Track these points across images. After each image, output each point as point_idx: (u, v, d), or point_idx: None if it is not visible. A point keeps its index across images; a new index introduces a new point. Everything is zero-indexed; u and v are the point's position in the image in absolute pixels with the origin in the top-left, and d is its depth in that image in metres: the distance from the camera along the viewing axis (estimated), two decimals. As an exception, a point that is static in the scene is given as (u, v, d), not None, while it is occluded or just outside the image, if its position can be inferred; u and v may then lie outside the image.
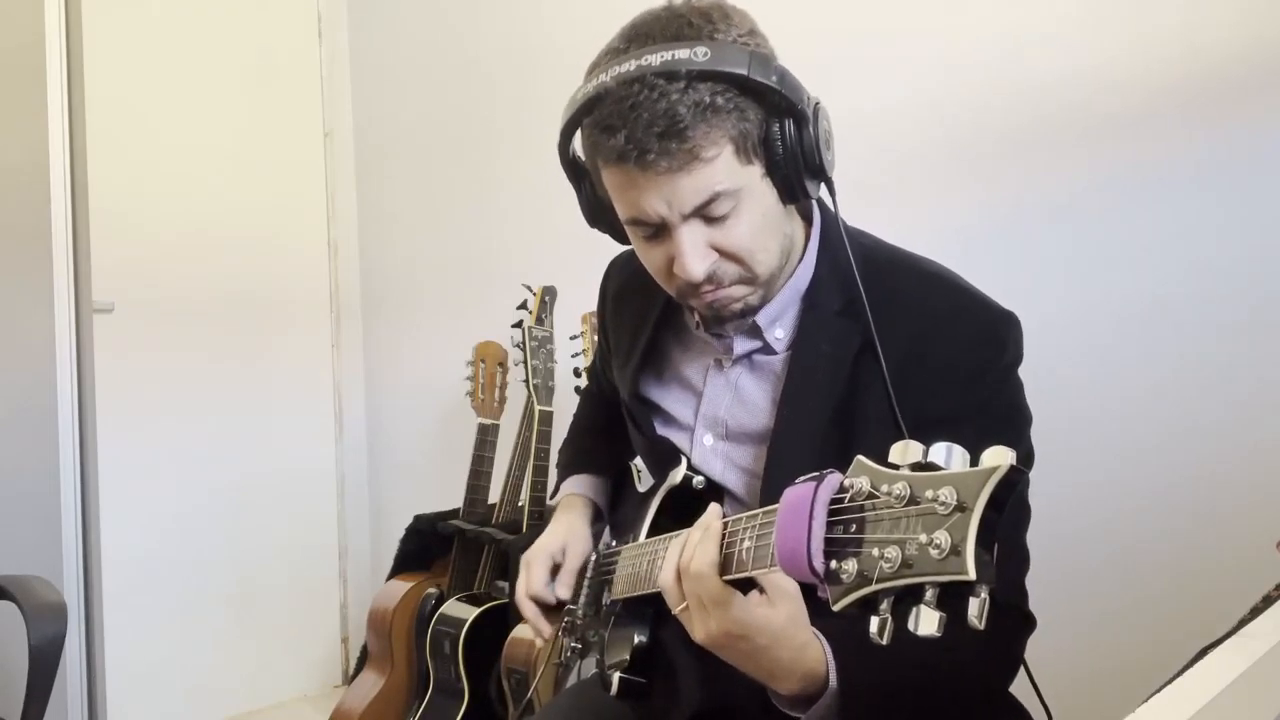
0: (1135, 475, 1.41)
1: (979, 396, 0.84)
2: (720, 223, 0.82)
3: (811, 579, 0.59)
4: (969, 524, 0.49)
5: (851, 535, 0.56)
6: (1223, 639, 0.71)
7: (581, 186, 0.93)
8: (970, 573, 0.48)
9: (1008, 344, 0.87)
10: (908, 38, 1.64)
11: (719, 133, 0.79)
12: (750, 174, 0.82)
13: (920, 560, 0.51)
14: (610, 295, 1.14)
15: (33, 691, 1.27)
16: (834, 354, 0.88)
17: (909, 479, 0.53)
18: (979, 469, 0.50)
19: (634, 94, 0.77)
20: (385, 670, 2.17)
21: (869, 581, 0.54)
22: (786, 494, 0.62)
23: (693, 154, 0.78)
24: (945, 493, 0.50)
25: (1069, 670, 0.83)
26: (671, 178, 0.79)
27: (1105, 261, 1.46)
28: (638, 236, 0.88)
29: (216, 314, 2.57)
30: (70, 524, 2.02)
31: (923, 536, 0.51)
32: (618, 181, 0.83)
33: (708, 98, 0.77)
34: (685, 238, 0.82)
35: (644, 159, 0.78)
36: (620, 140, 0.78)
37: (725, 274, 0.85)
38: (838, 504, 0.58)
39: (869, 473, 0.57)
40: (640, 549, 0.97)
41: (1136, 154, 1.42)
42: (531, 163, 2.36)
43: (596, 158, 0.84)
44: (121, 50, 2.38)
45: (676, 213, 0.81)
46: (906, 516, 0.53)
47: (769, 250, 0.87)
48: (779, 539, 0.61)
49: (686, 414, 1.00)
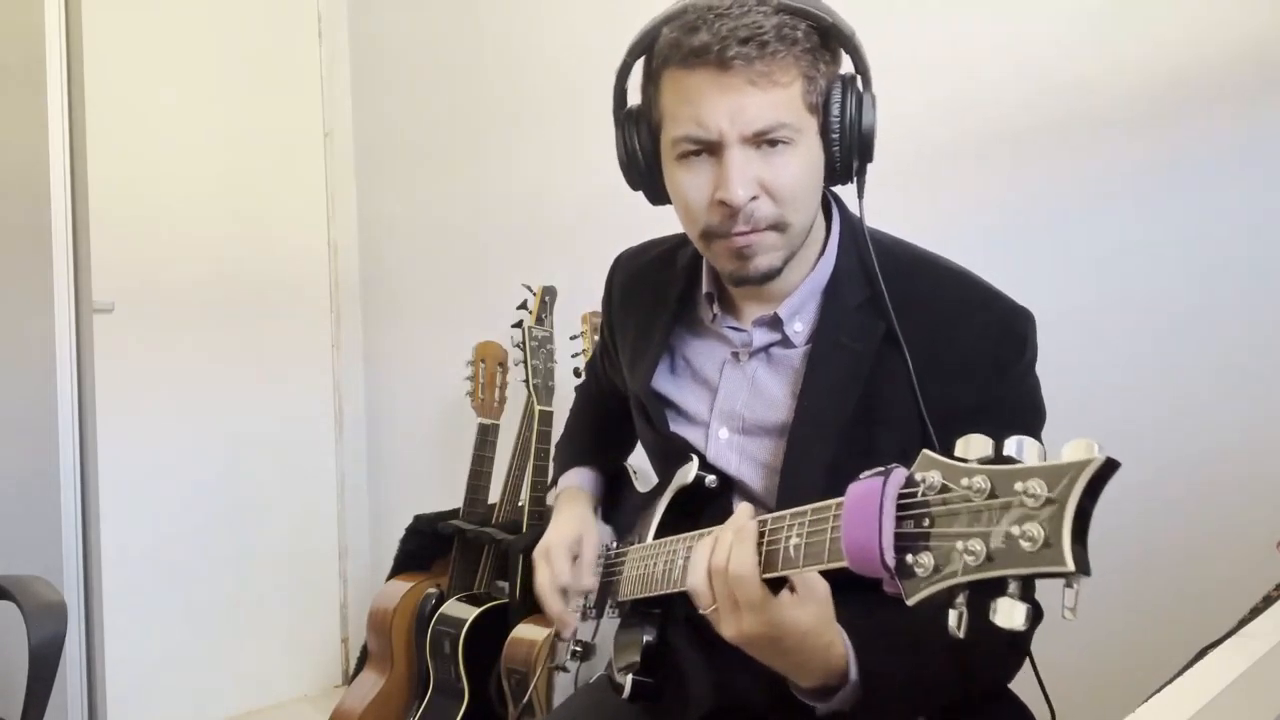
0: (1135, 475, 1.41)
1: (999, 393, 0.85)
2: (773, 156, 0.83)
3: (881, 573, 0.58)
4: (1064, 516, 0.49)
5: (923, 529, 0.56)
6: (1223, 639, 0.71)
7: (625, 126, 0.93)
8: (1068, 563, 0.48)
9: (1027, 341, 0.87)
10: (909, 37, 1.64)
11: (794, 63, 0.81)
12: (810, 124, 0.84)
13: (1008, 553, 0.50)
14: (616, 290, 1.13)
15: (33, 691, 1.26)
16: (855, 348, 0.88)
17: (989, 472, 0.53)
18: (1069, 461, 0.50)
19: (723, 5, 0.80)
20: (385, 670, 2.17)
21: (949, 575, 0.53)
22: (852, 488, 0.62)
23: (768, 69, 0.80)
24: (1034, 485, 0.50)
25: (1069, 670, 0.83)
26: (743, 86, 0.80)
27: (1105, 261, 1.46)
28: (680, 161, 0.87)
29: (216, 314, 2.57)
30: (70, 524, 2.02)
31: (1013, 529, 0.50)
32: (686, 85, 0.83)
33: (790, 29, 0.80)
34: (737, 158, 0.82)
35: (723, 55, 0.79)
36: (703, 36, 0.79)
37: (762, 213, 0.85)
38: (906, 498, 0.58)
39: (939, 466, 0.56)
40: (651, 550, 0.96)
41: (1137, 155, 1.42)
42: (532, 162, 2.36)
43: (669, 59, 0.83)
44: (121, 50, 2.38)
45: (736, 131, 0.82)
46: (988, 509, 0.52)
47: (807, 206, 0.87)
48: (846, 533, 0.61)
49: (701, 408, 0.99)
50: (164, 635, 2.46)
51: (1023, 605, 0.50)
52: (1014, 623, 0.51)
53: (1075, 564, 0.48)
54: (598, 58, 2.18)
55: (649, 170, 0.92)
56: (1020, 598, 0.51)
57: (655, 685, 0.93)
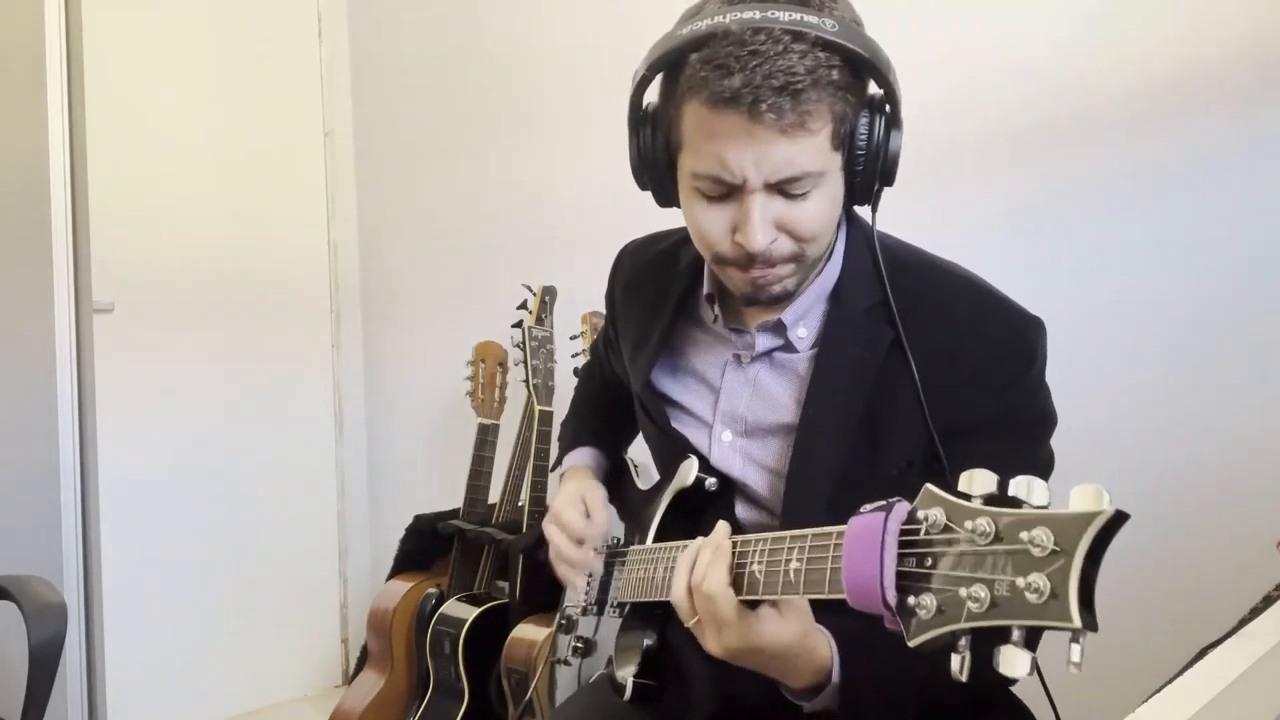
0: (1135, 475, 1.41)
1: (1009, 402, 0.84)
2: (794, 201, 0.81)
3: (881, 611, 0.58)
4: (1070, 570, 0.48)
5: (925, 570, 0.55)
6: (1223, 639, 0.71)
7: (639, 133, 0.89)
8: (1075, 620, 0.47)
9: (1036, 350, 0.87)
10: (910, 36, 1.64)
11: (827, 107, 0.78)
12: (835, 161, 0.82)
13: (1013, 603, 0.50)
14: (620, 285, 1.12)
15: (33, 691, 1.26)
16: (861, 355, 0.87)
17: (993, 515, 0.52)
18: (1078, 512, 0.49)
19: (758, 42, 0.75)
20: (385, 670, 2.17)
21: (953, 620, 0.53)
22: (853, 522, 0.61)
23: (801, 120, 0.77)
24: (1040, 534, 0.49)
25: (1068, 670, 0.83)
26: (773, 138, 0.77)
27: (1106, 261, 1.46)
28: (699, 194, 0.84)
29: (216, 314, 2.57)
30: (70, 524, 2.02)
31: (1018, 579, 0.49)
32: (711, 127, 0.79)
33: (825, 69, 0.76)
34: (758, 207, 0.81)
35: (756, 108, 0.75)
36: (735, 82, 0.75)
37: (780, 252, 0.84)
38: (908, 534, 0.57)
39: (943, 504, 0.55)
40: (649, 553, 0.96)
41: (1138, 155, 1.42)
42: (532, 162, 2.36)
43: (697, 96, 0.79)
44: (121, 50, 2.37)
45: (761, 178, 0.79)
46: (992, 555, 0.51)
47: (825, 238, 0.86)
48: (847, 567, 0.60)
49: (703, 409, 0.99)
50: (164, 635, 2.45)
51: (1026, 654, 0.50)
52: (1017, 671, 0.50)
53: (1081, 620, 0.47)
54: (598, 57, 2.19)
55: (660, 178, 0.89)
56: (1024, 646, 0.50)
57: (656, 687, 0.93)
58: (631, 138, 0.89)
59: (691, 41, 0.78)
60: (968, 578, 0.52)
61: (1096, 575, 0.48)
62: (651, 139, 0.88)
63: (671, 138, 0.86)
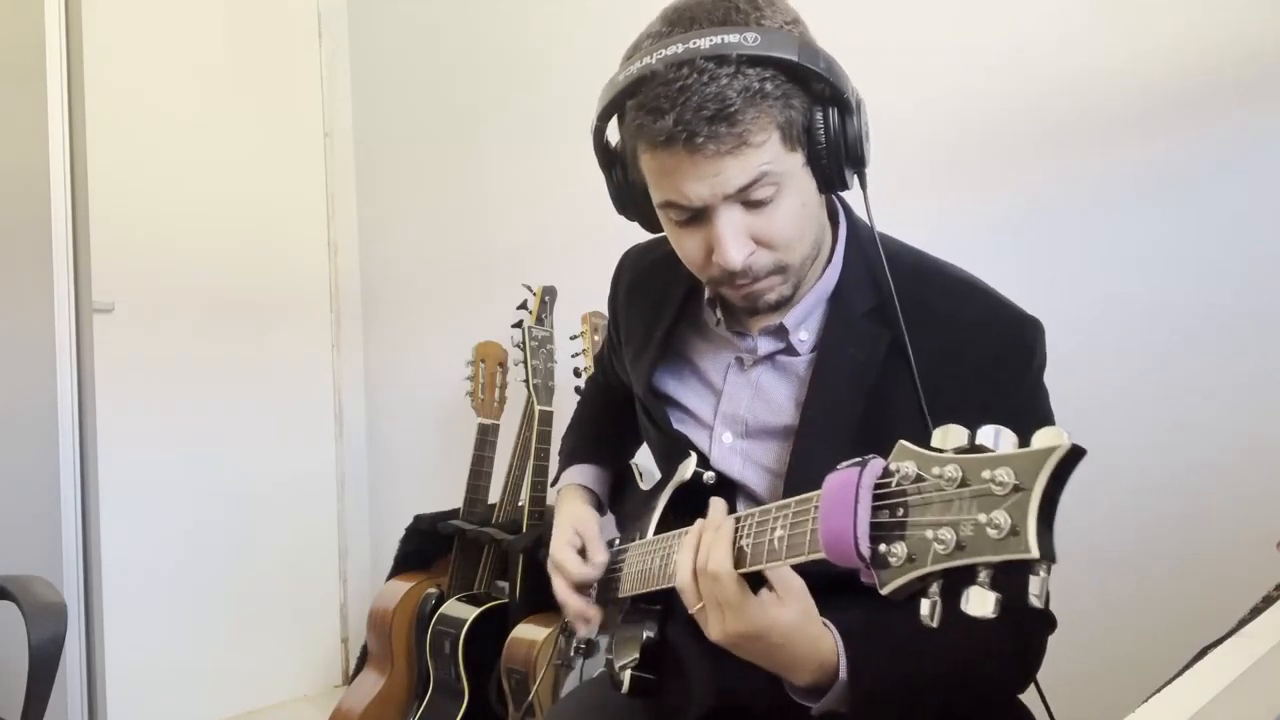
0: (1135, 475, 1.41)
1: (1009, 403, 0.84)
2: (760, 208, 0.81)
3: (857, 563, 0.59)
4: (1029, 502, 0.49)
5: (898, 519, 0.56)
6: (1223, 639, 0.71)
7: (612, 173, 0.91)
8: (1033, 550, 0.48)
9: (1036, 350, 0.87)
10: (913, 38, 1.64)
11: (767, 118, 0.78)
12: (793, 161, 0.81)
13: (976, 541, 0.51)
14: (623, 288, 1.13)
15: (33, 691, 1.26)
16: (861, 357, 0.88)
17: (960, 461, 0.53)
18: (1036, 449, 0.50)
19: (682, 76, 0.75)
20: (385, 670, 2.17)
21: (920, 564, 0.54)
22: (829, 480, 0.62)
23: (741, 138, 0.77)
24: (1002, 473, 0.50)
25: (1068, 670, 0.83)
26: (718, 161, 0.78)
27: (1106, 261, 1.46)
28: (672, 222, 0.86)
29: (216, 314, 2.57)
30: (70, 524, 2.02)
31: (980, 516, 0.51)
32: (659, 165, 0.81)
33: (757, 83, 0.76)
34: (725, 223, 0.81)
35: (692, 142, 0.76)
36: (668, 122, 0.76)
37: (760, 265, 0.84)
38: (882, 488, 0.58)
39: (914, 456, 0.57)
40: (650, 546, 0.96)
41: (1137, 155, 1.42)
42: (532, 162, 2.36)
43: (639, 140, 0.81)
44: (121, 50, 2.38)
45: (719, 195, 0.80)
46: (959, 498, 0.53)
47: (805, 240, 0.86)
48: (823, 524, 0.61)
49: (705, 411, 0.99)
50: (164, 635, 2.46)
51: (992, 594, 0.51)
52: (985, 610, 0.51)
53: (1040, 551, 0.48)
54: (598, 57, 2.18)
55: (642, 209, 0.91)
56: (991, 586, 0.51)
57: (655, 681, 0.93)
58: (606, 178, 0.92)
59: (626, 89, 0.80)
60: (935, 521, 0.53)
61: (1055, 509, 0.49)
62: (624, 176, 0.90)
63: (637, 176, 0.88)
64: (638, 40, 0.83)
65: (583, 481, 1.18)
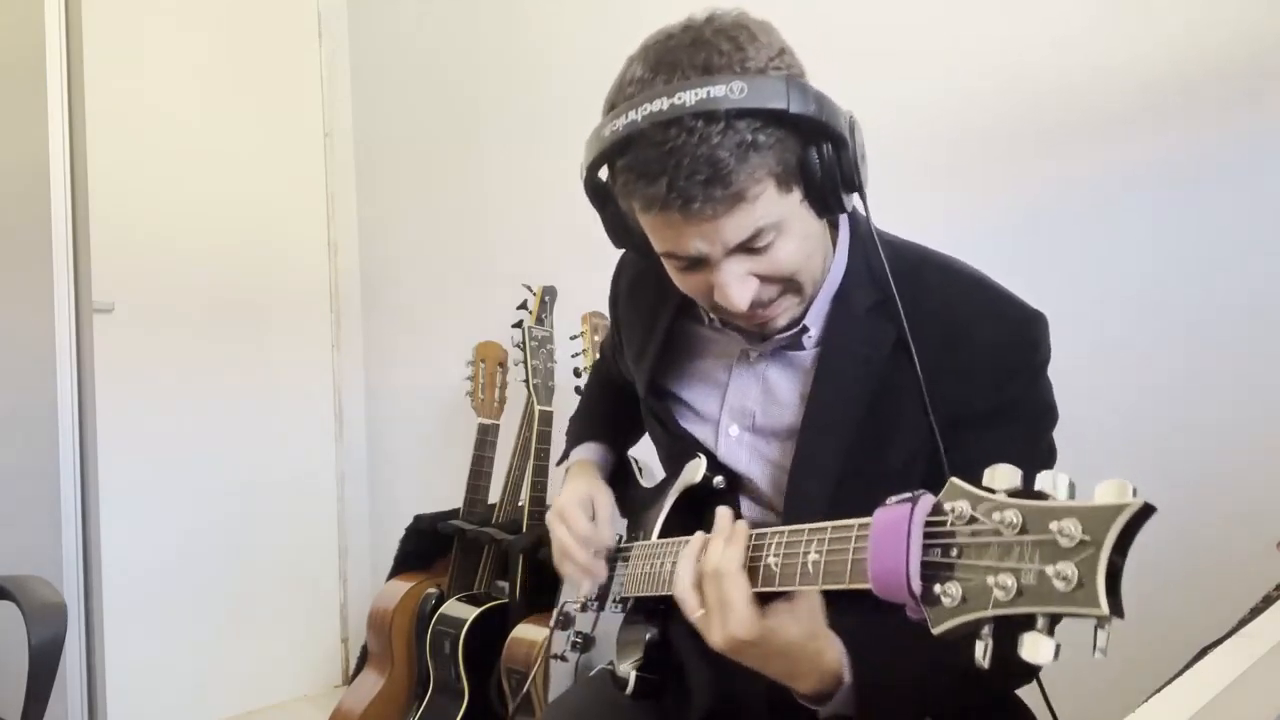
0: (1135, 475, 1.40)
1: (1011, 396, 0.85)
2: (763, 252, 0.81)
3: (906, 599, 0.58)
4: (1099, 558, 0.49)
5: (950, 559, 0.56)
6: (1223, 639, 0.71)
7: (605, 210, 0.91)
8: (1103, 607, 0.49)
9: (1039, 344, 0.87)
10: (915, 38, 1.64)
11: (762, 170, 0.76)
12: (790, 201, 0.80)
13: (1040, 591, 0.51)
14: (623, 289, 1.13)
15: (33, 691, 1.26)
16: (865, 352, 0.88)
17: (1021, 508, 0.53)
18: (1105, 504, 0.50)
19: (671, 138, 0.73)
20: (385, 670, 2.17)
21: (977, 607, 0.54)
22: (879, 514, 0.62)
23: (738, 197, 0.76)
24: (1069, 525, 0.50)
25: (1069, 670, 0.83)
26: (714, 221, 0.77)
27: (1103, 261, 1.46)
28: (674, 267, 0.86)
29: (216, 314, 2.58)
30: (70, 524, 2.02)
31: (1047, 568, 0.50)
32: (655, 223, 0.81)
33: (749, 136, 0.74)
34: (728, 272, 0.81)
35: (688, 208, 0.75)
36: (661, 189, 0.75)
37: (770, 296, 0.84)
38: (933, 525, 0.58)
39: (968, 497, 0.56)
40: (655, 548, 0.96)
41: (1137, 155, 1.42)
42: (532, 162, 2.36)
43: (632, 200, 0.80)
44: (121, 51, 2.38)
45: (719, 249, 0.79)
46: (1019, 544, 0.52)
47: (812, 267, 0.86)
48: (874, 559, 0.61)
49: (710, 406, 0.99)
50: (164, 635, 2.46)
51: (1050, 641, 0.51)
52: (1039, 658, 0.51)
53: (1109, 608, 0.49)
54: (598, 57, 2.18)
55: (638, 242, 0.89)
56: (1048, 633, 0.51)
57: (658, 682, 0.93)
58: (600, 215, 0.92)
59: (614, 146, 0.78)
60: (994, 566, 0.53)
61: (1123, 565, 0.50)
62: (618, 212, 0.89)
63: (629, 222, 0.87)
64: (620, 83, 0.81)
65: (594, 459, 1.18)
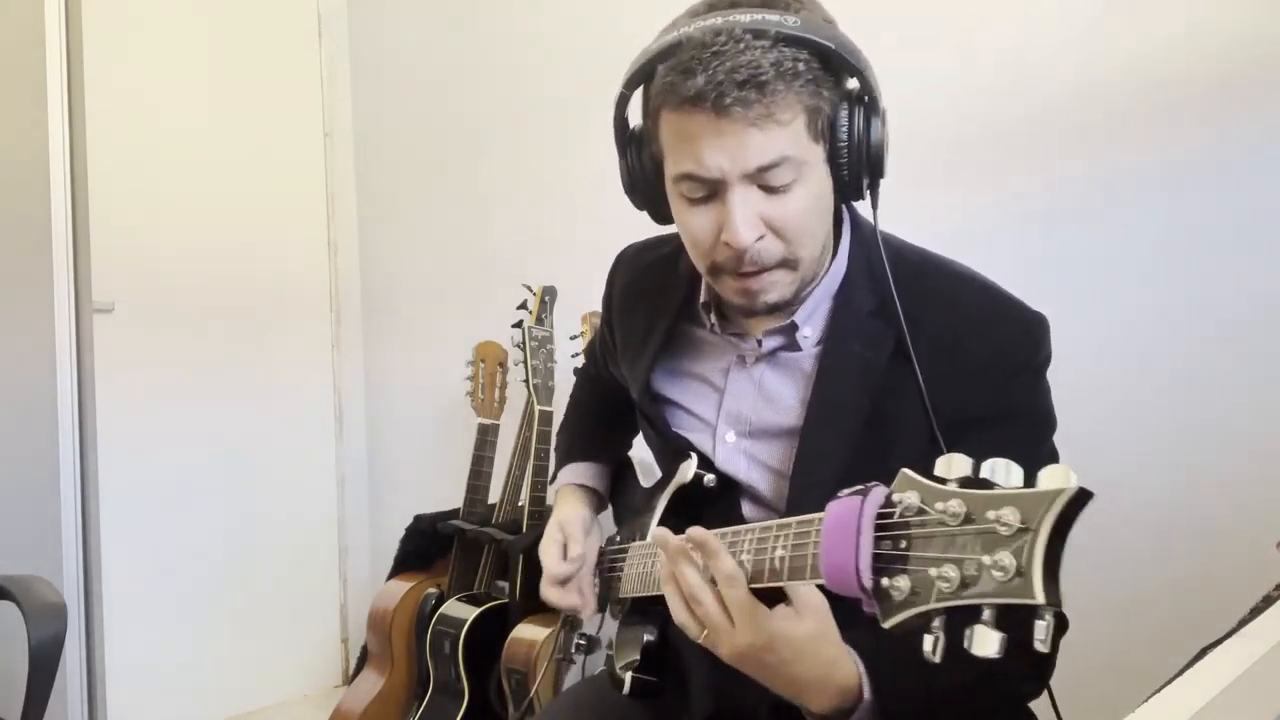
0: (1135, 475, 1.41)
1: (1011, 399, 0.84)
2: (776, 194, 0.81)
3: (859, 594, 0.58)
4: (1035, 546, 0.48)
5: (900, 551, 0.56)
6: (1223, 639, 0.71)
7: (626, 153, 0.91)
8: (1038, 596, 0.48)
9: (1039, 347, 0.87)
10: (916, 38, 1.64)
11: (796, 98, 0.78)
12: (815, 153, 0.81)
13: (981, 581, 0.50)
14: (618, 289, 1.12)
15: (33, 691, 1.26)
16: (866, 355, 0.87)
17: (964, 497, 0.52)
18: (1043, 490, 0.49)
19: (719, 43, 0.76)
20: (385, 670, 2.17)
21: (924, 600, 0.53)
22: (831, 507, 0.61)
23: (769, 111, 0.77)
24: (1007, 513, 0.49)
25: (1068, 670, 0.83)
26: (743, 130, 0.77)
27: (1105, 261, 1.46)
28: (684, 199, 0.85)
29: (217, 314, 2.57)
30: (70, 524, 2.02)
31: (985, 558, 0.50)
32: (683, 128, 0.80)
33: (790, 62, 0.77)
34: (739, 201, 0.80)
35: (720, 102, 0.76)
36: (699, 81, 0.76)
37: (768, 253, 0.83)
38: (884, 518, 0.57)
39: (917, 487, 0.56)
40: (650, 548, 0.96)
41: (1137, 155, 1.42)
42: (532, 163, 2.36)
43: (665, 102, 0.81)
44: (121, 50, 2.38)
45: (738, 170, 0.79)
46: (963, 535, 0.52)
47: (815, 236, 0.86)
48: (825, 554, 0.60)
49: (707, 411, 0.98)
50: (164, 635, 2.45)
51: (996, 634, 0.50)
52: (988, 651, 0.50)
53: (1045, 596, 0.48)
54: (598, 57, 2.18)
55: (653, 194, 0.90)
56: (995, 626, 0.50)
57: (655, 683, 0.93)
58: (621, 159, 0.92)
59: (658, 53, 0.81)
60: (939, 558, 0.53)
61: (1062, 552, 0.48)
62: (639, 156, 0.90)
63: (654, 150, 0.87)
64: (676, 19, 0.83)
65: (579, 480, 1.18)
